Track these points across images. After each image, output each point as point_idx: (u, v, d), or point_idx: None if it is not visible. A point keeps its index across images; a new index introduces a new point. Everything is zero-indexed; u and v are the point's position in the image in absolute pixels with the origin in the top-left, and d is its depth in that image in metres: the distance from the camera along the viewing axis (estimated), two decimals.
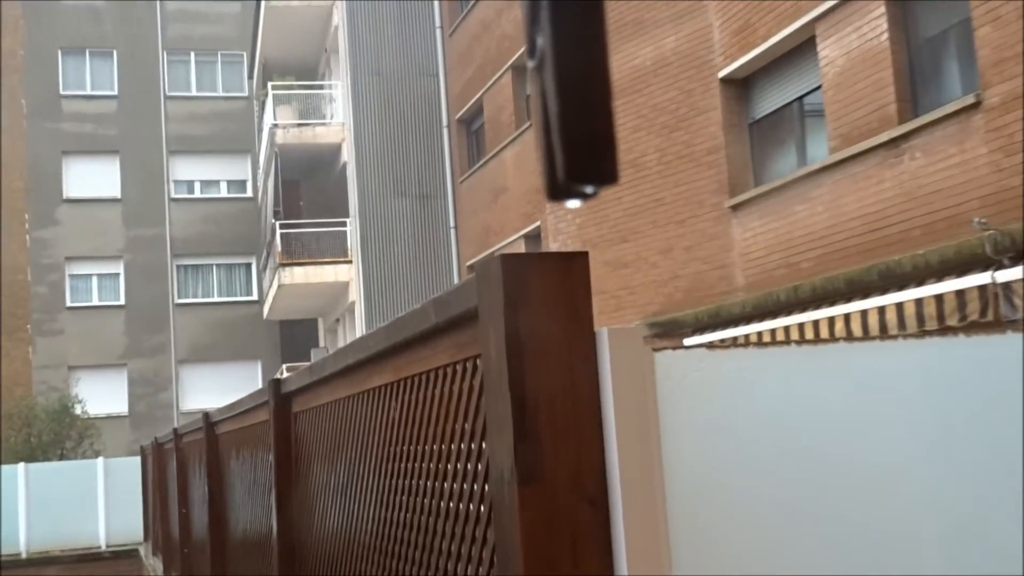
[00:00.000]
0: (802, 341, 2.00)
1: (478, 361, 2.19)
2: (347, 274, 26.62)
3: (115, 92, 37.24)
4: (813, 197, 13.25)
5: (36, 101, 36.54)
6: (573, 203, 0.96)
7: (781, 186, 13.90)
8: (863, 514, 1.95)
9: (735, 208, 14.95)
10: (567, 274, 1.89)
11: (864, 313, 11.41)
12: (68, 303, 35.90)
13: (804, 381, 1.97)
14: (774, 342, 2.02)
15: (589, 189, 0.95)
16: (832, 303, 12.12)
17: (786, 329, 12.75)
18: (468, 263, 24.26)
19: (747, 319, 13.76)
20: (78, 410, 30.92)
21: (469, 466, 2.31)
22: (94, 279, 36.39)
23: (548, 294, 1.88)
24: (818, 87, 13.58)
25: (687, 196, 15.91)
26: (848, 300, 11.84)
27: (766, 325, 13.15)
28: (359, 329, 26.00)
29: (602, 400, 1.87)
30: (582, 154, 0.93)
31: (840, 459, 1.96)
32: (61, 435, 30.31)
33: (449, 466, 2.46)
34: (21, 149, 37.57)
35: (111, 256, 36.32)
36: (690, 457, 1.90)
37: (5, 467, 25.48)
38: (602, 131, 0.92)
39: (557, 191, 0.94)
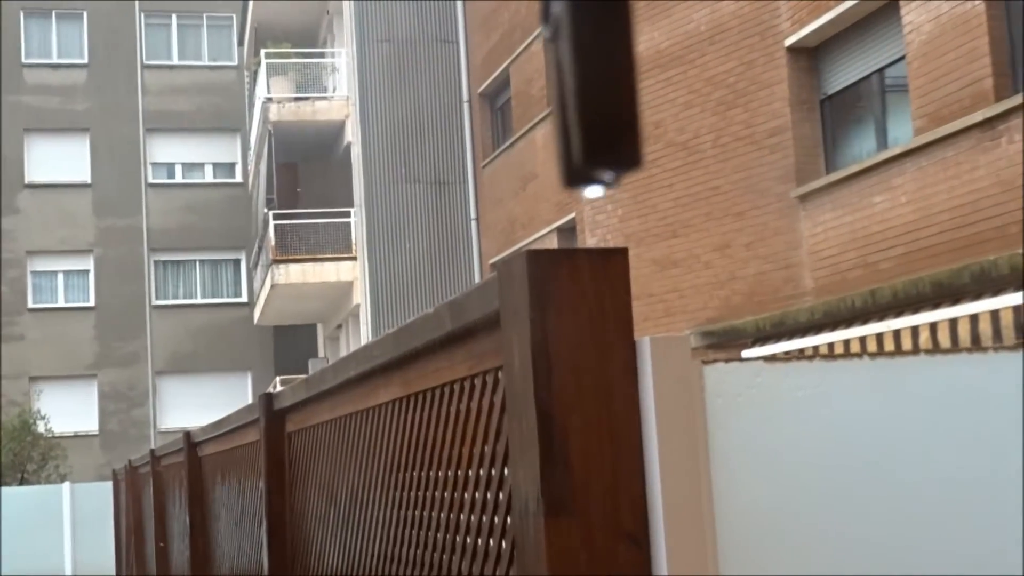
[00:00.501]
0: (879, 354, 2.00)
1: (499, 374, 2.20)
2: (351, 273, 26.69)
3: (85, 60, 37.50)
4: (895, 186, 13.20)
5: None
6: (593, 191, 0.97)
7: (857, 173, 13.85)
8: (947, 555, 1.94)
9: (803, 198, 14.91)
10: (604, 274, 1.90)
11: (953, 322, 11.34)
12: (30, 304, 36.17)
13: (879, 400, 1.96)
14: (846, 355, 2.02)
15: (609, 175, 0.95)
16: (916, 310, 12.06)
17: (862, 340, 12.69)
18: (491, 261, 24.29)
19: (816, 328, 13.70)
20: (41, 427, 31.14)
21: (489, 495, 2.32)
22: (60, 277, 36.65)
23: (581, 297, 1.89)
24: (901, 58, 13.53)
25: (747, 184, 15.88)
26: (935, 307, 11.77)
27: (838, 335, 13.09)
28: (364, 336, 26.07)
29: (643, 420, 1.88)
30: (601, 135, 0.93)
31: (921, 493, 1.96)
32: (21, 456, 30.53)
33: (466, 495, 2.48)
34: None
35: (79, 250, 36.57)
36: (744, 487, 1.90)
37: None
38: (624, 109, 0.93)
39: (573, 176, 0.95)
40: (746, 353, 14.80)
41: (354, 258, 26.70)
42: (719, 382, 1.92)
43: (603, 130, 0.93)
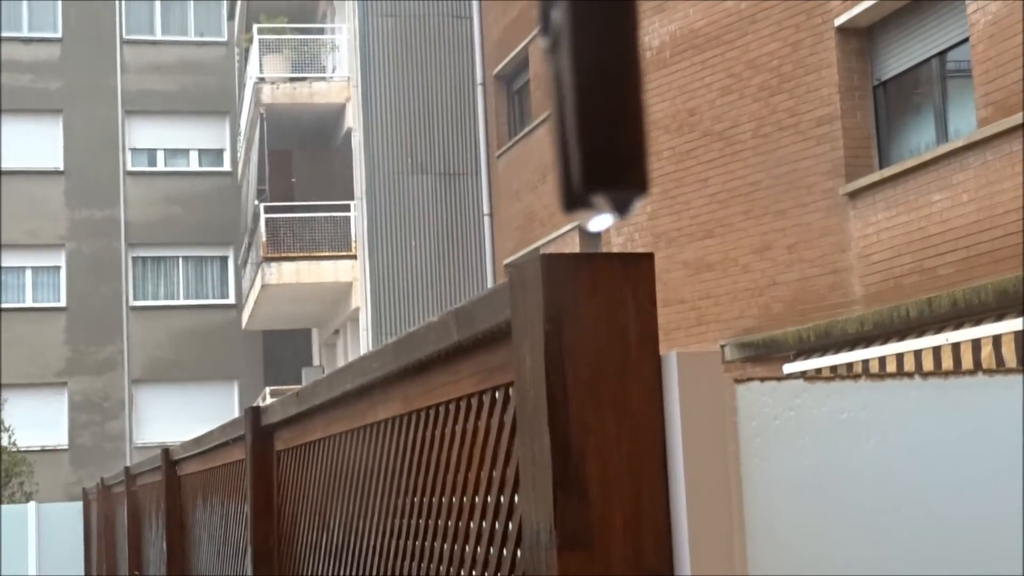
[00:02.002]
0: (932, 373, 2.00)
1: (510, 391, 2.20)
2: (350, 273, 26.74)
3: (58, 35, 37.64)
4: (956, 183, 13.16)
5: None
6: (597, 223, 0.98)
7: (914, 168, 13.82)
8: None
9: (853, 195, 14.88)
10: (627, 281, 1.90)
11: (1020, 335, 11.31)
12: None
13: (931, 427, 1.96)
14: (899, 372, 2.01)
15: (611, 200, 0.95)
16: (978, 321, 12.03)
17: (916, 354, 12.66)
18: (506, 261, 24.30)
19: (866, 340, 13.67)
20: (4, 440, 31.23)
21: (497, 525, 2.32)
22: (27, 273, 36.77)
23: (601, 306, 1.89)
24: (964, 40, 13.50)
25: (791, 179, 15.86)
26: (999, 318, 11.74)
27: (891, 348, 13.06)
28: (364, 343, 26.11)
29: (668, 444, 1.88)
30: (604, 157, 0.94)
31: (980, 528, 1.95)
32: None
33: (471, 524, 2.48)
34: None
35: (50, 244, 36.69)
36: (780, 521, 1.90)
37: None
38: (630, 129, 0.93)
39: (572, 201, 0.96)
40: (787, 367, 14.79)
41: (354, 256, 26.74)
42: (753, 403, 1.92)
43: (606, 151, 0.94)
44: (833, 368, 13.95)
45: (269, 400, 26.00)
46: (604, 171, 0.93)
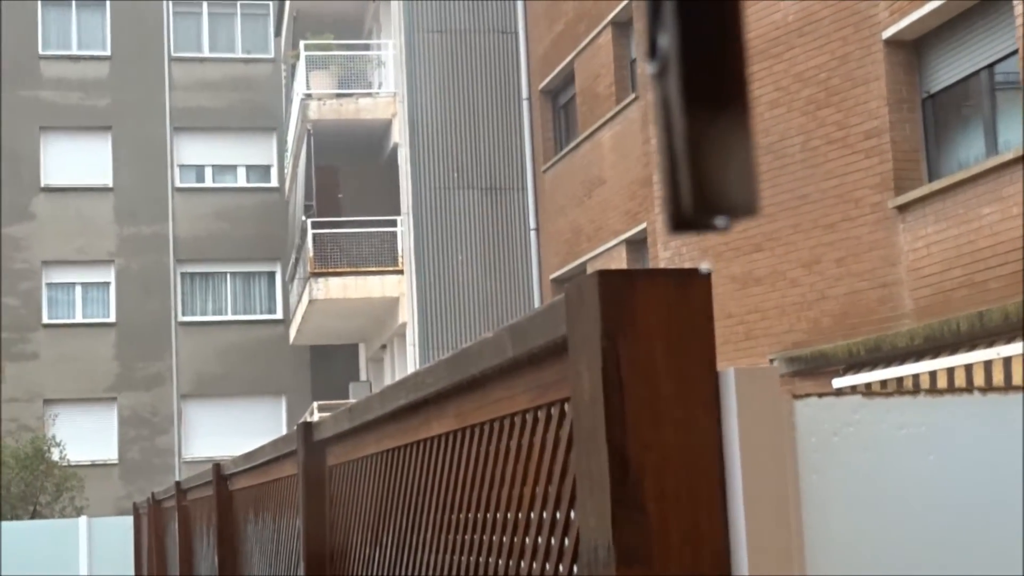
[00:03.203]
0: (992, 388, 1.99)
1: (566, 406, 2.20)
2: (397, 288, 26.81)
3: (107, 52, 37.96)
4: (1007, 196, 13.07)
5: (9, 63, 37.34)
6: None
7: (963, 181, 13.74)
8: None
9: (902, 209, 14.81)
10: (684, 297, 1.90)
11: None
12: (45, 319, 36.61)
13: (993, 442, 1.95)
14: (951, 388, 2.01)
15: (721, 222, 0.97)
16: None
17: (967, 368, 12.56)
18: (552, 276, 24.30)
19: (917, 355, 13.58)
20: (55, 455, 31.47)
21: (553, 541, 2.32)
22: (77, 289, 37.07)
23: (659, 323, 1.89)
24: (1014, 52, 13.42)
25: (839, 192, 15.79)
26: None
27: (941, 363, 12.97)
28: (411, 358, 26.15)
29: (726, 461, 1.88)
30: (714, 180, 0.95)
31: None
32: (34, 487, 30.87)
33: (527, 541, 2.48)
34: None
35: (99, 260, 36.98)
36: (840, 538, 1.90)
37: None
38: (738, 153, 0.94)
39: (681, 223, 0.97)
40: (836, 382, 14.72)
41: (400, 271, 26.81)
42: (812, 419, 1.91)
43: (716, 174, 0.95)
44: (883, 383, 13.87)
45: (317, 415, 26.12)
46: (715, 192, 0.95)
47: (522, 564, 2.52)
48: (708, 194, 0.95)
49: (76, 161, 37.09)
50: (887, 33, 15.15)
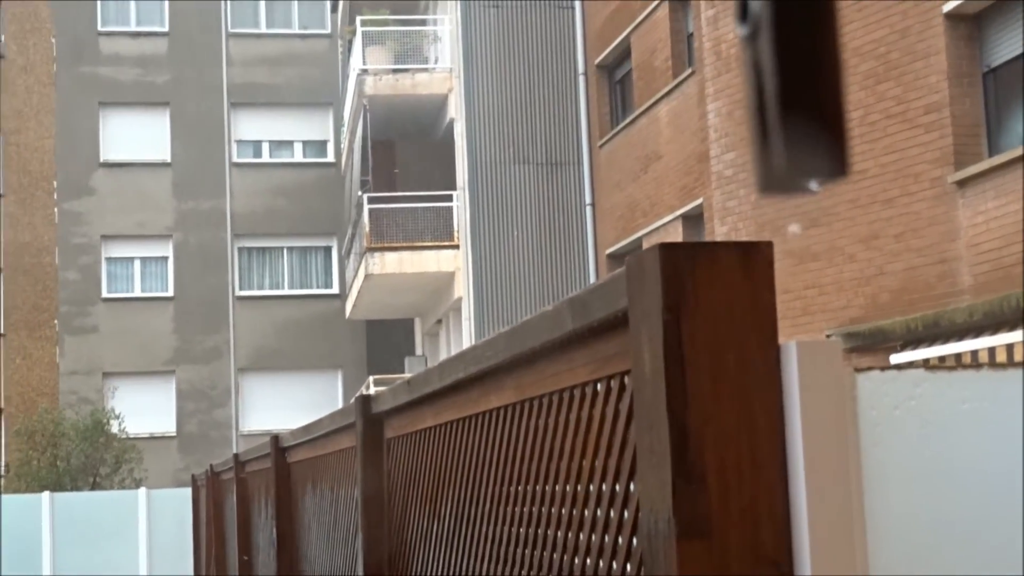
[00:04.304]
0: None
1: (626, 379, 2.21)
2: (452, 262, 26.86)
3: (165, 28, 38.18)
4: None
5: (68, 40, 37.65)
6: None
7: None
8: None
9: (962, 184, 14.68)
10: (746, 271, 1.90)
11: None
12: (104, 294, 36.95)
13: None
14: (1011, 363, 2.00)
15: (813, 184, 0.97)
16: None
17: None
18: (608, 251, 24.26)
19: (975, 331, 13.48)
20: (115, 428, 31.80)
21: (612, 514, 2.33)
22: (136, 264, 37.39)
23: (720, 296, 1.89)
24: None
25: (898, 167, 15.67)
26: None
27: (1000, 339, 12.87)
28: (466, 333, 26.21)
29: (787, 434, 1.88)
30: (806, 141, 0.95)
31: None
32: (94, 458, 31.22)
33: (586, 513, 2.49)
34: (49, 100, 38.78)
35: (157, 235, 37.27)
36: (901, 512, 1.89)
37: (27, 496, 26.35)
38: (830, 114, 0.94)
39: (773, 184, 0.97)
40: (894, 358, 14.64)
41: (456, 246, 26.85)
42: (874, 393, 1.91)
43: (808, 136, 0.95)
44: (941, 359, 13.78)
45: (373, 389, 26.22)
46: (807, 153, 0.95)
47: (581, 536, 2.53)
48: (800, 155, 0.95)
49: (135, 137, 37.37)
50: (948, 6, 15.00)
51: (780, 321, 1.91)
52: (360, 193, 27.92)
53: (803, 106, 0.95)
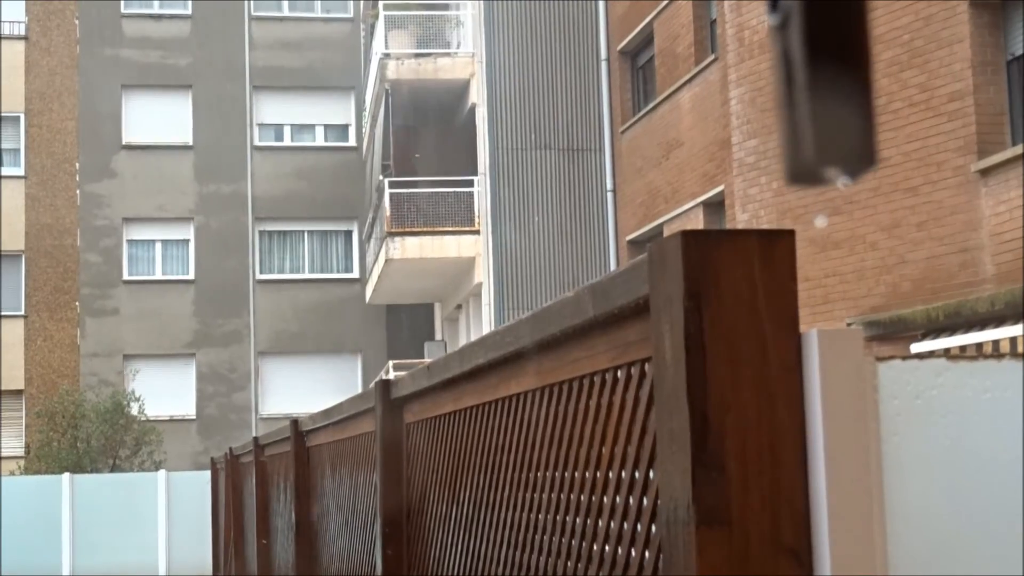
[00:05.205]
0: None
1: (647, 366, 2.21)
2: (473, 248, 26.86)
3: (188, 12, 38.21)
4: None
5: (91, 22, 37.72)
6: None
7: None
8: None
9: (985, 173, 14.62)
10: (768, 259, 1.90)
11: None
12: (125, 276, 37.06)
13: None
14: None
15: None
16: None
17: None
18: (629, 237, 24.24)
19: (997, 320, 13.44)
20: (135, 410, 31.93)
21: (632, 500, 2.33)
22: (157, 246, 37.48)
23: (742, 284, 1.89)
24: None
25: (921, 156, 15.62)
26: None
27: (1022, 328, 12.83)
28: (486, 318, 26.22)
29: (808, 422, 1.88)
30: (835, 131, 0.95)
31: None
32: (114, 440, 31.36)
33: (605, 499, 2.49)
34: (72, 82, 38.86)
35: (179, 218, 37.34)
36: (921, 501, 1.89)
37: (47, 478, 26.49)
38: (859, 104, 0.94)
39: (801, 174, 0.97)
40: (915, 347, 14.60)
41: (477, 232, 26.85)
42: (895, 382, 1.90)
43: (837, 126, 0.96)
44: (963, 348, 13.74)
45: (393, 373, 26.27)
46: (835, 143, 0.95)
47: (600, 522, 2.53)
48: (828, 145, 0.95)
49: (157, 119, 37.44)
50: None
51: (801, 309, 1.90)
52: (381, 177, 27.94)
53: (832, 95, 0.95)
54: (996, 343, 13.28)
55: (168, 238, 37.47)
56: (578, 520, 2.67)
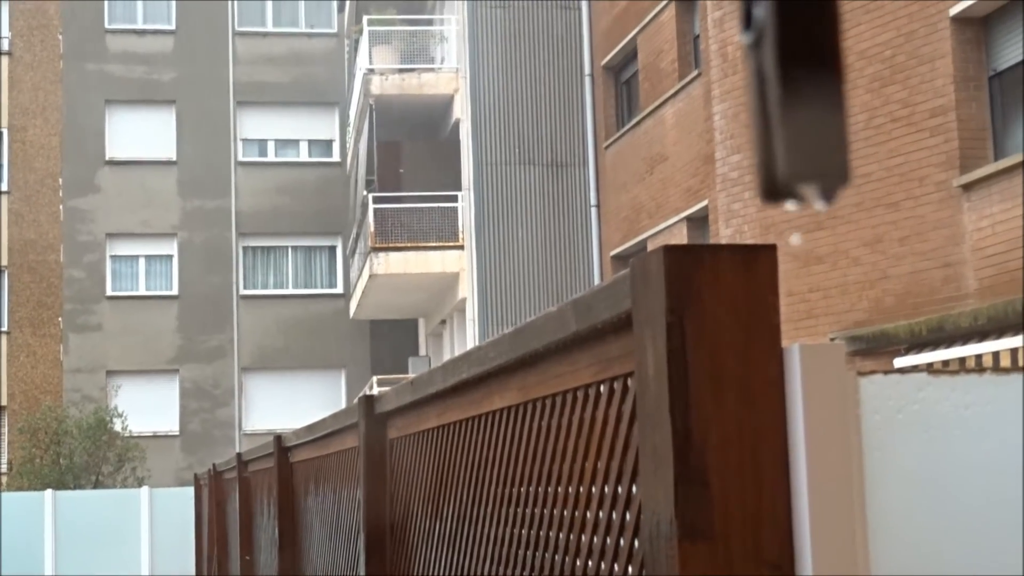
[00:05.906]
0: None
1: (630, 381, 2.21)
2: (457, 263, 26.86)
3: (172, 27, 38.20)
4: None
5: (75, 37, 37.68)
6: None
7: None
8: None
9: (967, 187, 14.67)
10: (750, 273, 1.90)
11: None
12: (108, 291, 36.97)
13: None
14: (1015, 367, 1.99)
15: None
16: None
17: None
18: (613, 252, 24.26)
19: (980, 335, 13.47)
20: (118, 426, 31.82)
21: (615, 515, 2.33)
22: (141, 262, 37.40)
23: (724, 299, 1.89)
24: None
25: (903, 171, 15.66)
26: None
27: (1005, 343, 12.86)
28: (470, 333, 26.21)
29: (790, 437, 1.88)
30: (808, 149, 0.95)
31: None
32: (97, 457, 31.25)
33: (588, 514, 2.49)
34: (56, 97, 38.82)
35: (162, 233, 37.28)
36: (903, 516, 1.89)
37: (29, 494, 26.37)
38: (832, 122, 0.94)
39: (775, 192, 0.98)
40: (898, 361, 14.63)
41: (461, 247, 26.86)
42: (877, 397, 1.91)
43: (810, 144, 0.96)
44: (945, 363, 13.77)
45: (377, 389, 26.24)
46: (808, 161, 0.96)
47: (583, 537, 2.53)
48: (801, 162, 0.96)
49: (140, 134, 37.40)
50: (955, 10, 14.99)
51: (783, 324, 1.91)
52: (365, 193, 27.93)
53: (805, 113, 0.96)
54: (979, 357, 13.32)
55: (152, 253, 37.40)
56: (561, 535, 2.67)
